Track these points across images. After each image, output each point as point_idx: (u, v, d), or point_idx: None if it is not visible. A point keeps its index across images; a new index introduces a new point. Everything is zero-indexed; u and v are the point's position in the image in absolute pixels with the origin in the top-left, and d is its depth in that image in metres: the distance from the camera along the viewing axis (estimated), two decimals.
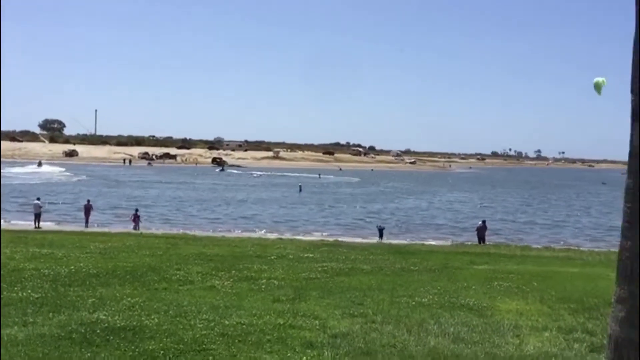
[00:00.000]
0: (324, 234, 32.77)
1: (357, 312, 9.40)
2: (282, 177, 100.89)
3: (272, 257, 15.97)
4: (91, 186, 60.01)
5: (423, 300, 10.65)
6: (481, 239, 30.40)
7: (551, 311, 10.22)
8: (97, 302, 9.21)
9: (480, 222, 31.81)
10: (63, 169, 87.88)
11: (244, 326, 8.14)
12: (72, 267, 12.36)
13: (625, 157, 5.83)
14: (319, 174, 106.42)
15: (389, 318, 9.09)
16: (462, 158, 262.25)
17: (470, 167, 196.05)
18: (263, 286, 11.40)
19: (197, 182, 75.83)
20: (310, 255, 16.96)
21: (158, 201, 46.67)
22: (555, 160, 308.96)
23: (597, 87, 11.78)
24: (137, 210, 32.64)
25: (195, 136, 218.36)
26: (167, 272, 12.41)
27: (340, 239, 27.33)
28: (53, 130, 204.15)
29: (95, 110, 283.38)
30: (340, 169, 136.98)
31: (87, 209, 30.97)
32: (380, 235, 30.25)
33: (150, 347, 7.02)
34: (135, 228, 29.19)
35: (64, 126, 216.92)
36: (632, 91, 5.70)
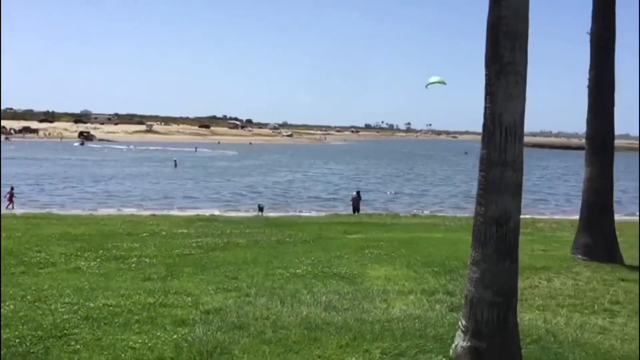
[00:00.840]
0: (200, 209, 32.16)
1: (231, 287, 9.32)
2: (156, 151, 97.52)
3: (144, 235, 15.39)
4: None
5: (297, 271, 10.78)
6: (356, 209, 31.46)
7: (417, 275, 10.78)
8: None
9: (354, 193, 32.90)
10: None
11: (111, 307, 7.76)
12: None
13: None
14: (196, 148, 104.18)
15: (263, 290, 9.10)
16: (338, 131, 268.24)
17: (345, 140, 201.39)
18: (133, 265, 10.95)
19: (62, 158, 71.23)
20: (185, 231, 16.56)
21: (18, 179, 43.22)
22: (424, 132, 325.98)
23: (437, 81, 12.41)
24: (12, 188, 30.16)
25: (59, 109, 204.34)
26: (25, 254, 11.53)
27: (216, 214, 26.99)
28: None
29: None
30: (219, 143, 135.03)
31: None
32: (260, 211, 30.27)
33: (4, 337, 6.49)
34: (9, 207, 27.02)
35: None
36: (486, 65, 6.06)
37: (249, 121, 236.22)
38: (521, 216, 6.24)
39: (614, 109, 12.43)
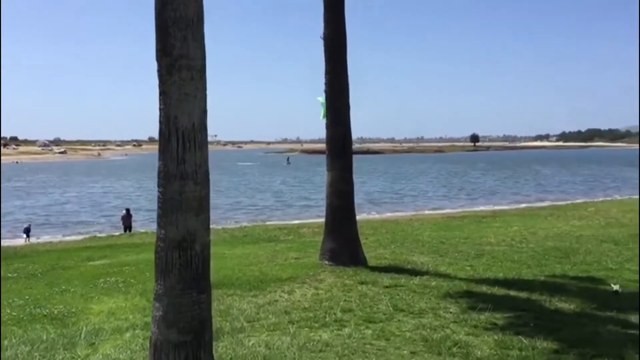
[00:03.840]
0: None
1: None
2: None
3: None
4: None
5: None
6: (127, 227, 29.16)
7: (148, 304, 9.48)
8: None
9: (124, 211, 30.51)
10: None
11: None
12: None
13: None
14: None
15: None
16: (118, 145, 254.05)
17: (126, 154, 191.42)
18: None
19: None
20: None
21: None
22: (210, 142, 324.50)
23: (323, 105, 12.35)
24: None
25: None
26: None
27: None
28: None
29: None
30: None
31: None
32: (27, 236, 26.58)
33: None
34: None
35: None
36: (157, 59, 5.04)
37: (14, 138, 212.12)
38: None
39: (349, 112, 12.49)
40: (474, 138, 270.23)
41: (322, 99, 12.71)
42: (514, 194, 48.44)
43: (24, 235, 26.62)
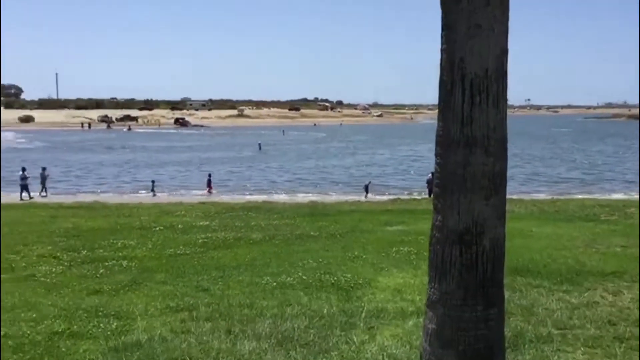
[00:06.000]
0: (263, 194, 31.13)
1: (188, 304, 7.46)
2: (243, 135, 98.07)
3: (158, 229, 13.98)
4: (50, 152, 57.28)
5: (288, 279, 8.77)
6: (431, 191, 28.96)
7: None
8: None
9: (430, 174, 30.31)
10: (20, 137, 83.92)
11: (5, 339, 6.13)
12: None
13: None
14: (283, 131, 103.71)
15: (223, 310, 7.17)
16: (429, 109, 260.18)
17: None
18: (102, 271, 9.38)
19: (149, 145, 72.84)
20: (205, 223, 15.00)
21: (109, 165, 44.34)
22: (521, 107, 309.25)
23: None
24: (210, 175, 32.07)
25: (160, 97, 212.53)
26: None
27: (274, 199, 25.78)
28: (9, 96, 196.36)
29: (56, 74, 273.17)
30: (315, 125, 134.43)
31: (43, 178, 28.96)
32: (366, 192, 29.20)
33: None
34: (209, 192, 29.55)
35: (21, 91, 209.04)
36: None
37: (340, 102, 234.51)
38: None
39: None
40: None
41: None
42: None
43: (364, 192, 28.89)
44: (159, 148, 66.18)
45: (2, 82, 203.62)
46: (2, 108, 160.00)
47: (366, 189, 29.50)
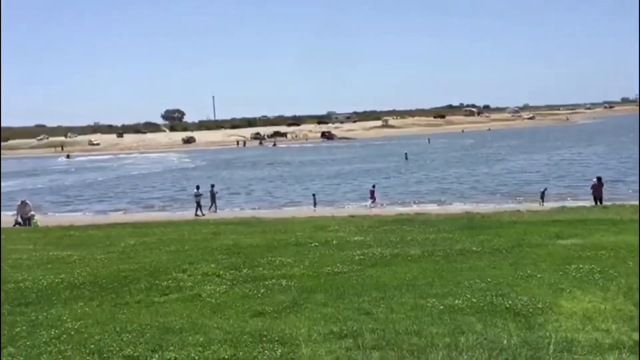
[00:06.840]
0: (414, 205, 30.63)
1: (352, 329, 7.02)
2: (388, 145, 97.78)
3: (313, 245, 13.84)
4: (211, 170, 61.96)
5: (456, 302, 8.03)
6: (598, 199, 26.40)
7: (635, 311, 7.22)
8: (21, 332, 7.57)
9: (594, 180, 27.67)
10: (185, 157, 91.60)
11: None
12: (63, 276, 10.99)
13: None
14: (429, 139, 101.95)
15: (389, 337, 6.65)
16: (588, 108, 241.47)
17: (594, 118, 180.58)
18: (263, 290, 9.30)
19: (300, 159, 75.12)
20: (360, 238, 14.61)
21: (261, 179, 46.42)
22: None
23: None
24: (374, 186, 33.07)
25: (306, 112, 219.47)
26: (166, 275, 10.69)
27: (425, 209, 25.07)
28: (173, 120, 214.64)
29: (213, 97, 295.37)
30: (463, 131, 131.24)
31: (212, 195, 31.31)
32: (542, 198, 27.83)
33: None
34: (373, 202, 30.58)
35: (184, 114, 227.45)
36: None
37: (486, 107, 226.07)
38: None
39: None
40: None
41: None
42: None
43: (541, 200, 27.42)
44: (306, 162, 68.04)
45: (168, 108, 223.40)
46: (167, 131, 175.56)
47: (542, 195, 27.78)
